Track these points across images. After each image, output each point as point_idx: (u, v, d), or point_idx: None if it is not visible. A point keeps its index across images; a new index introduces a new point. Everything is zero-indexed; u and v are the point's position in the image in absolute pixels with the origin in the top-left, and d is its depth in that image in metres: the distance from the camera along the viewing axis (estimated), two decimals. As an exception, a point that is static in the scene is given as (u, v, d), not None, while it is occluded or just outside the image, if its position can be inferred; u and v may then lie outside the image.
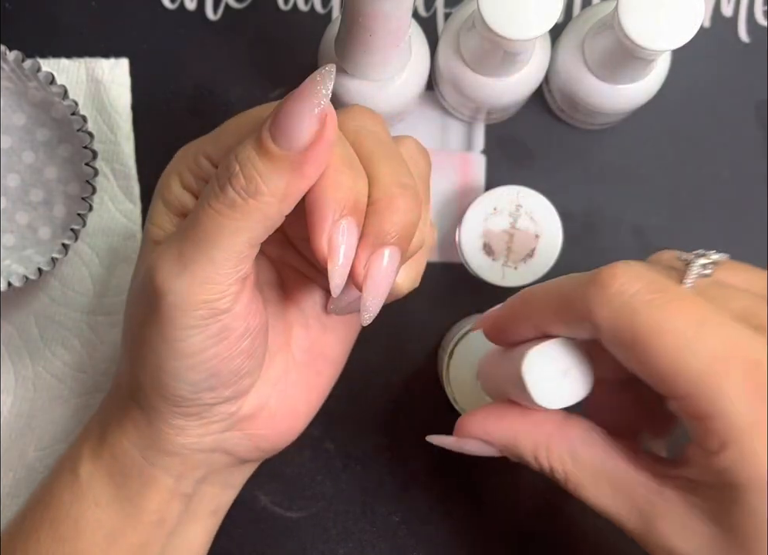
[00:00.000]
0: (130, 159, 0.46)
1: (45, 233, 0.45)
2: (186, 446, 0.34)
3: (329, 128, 0.27)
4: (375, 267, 0.28)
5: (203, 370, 0.31)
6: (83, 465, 0.35)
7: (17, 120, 0.45)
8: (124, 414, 0.34)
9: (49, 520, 0.35)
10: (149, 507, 0.34)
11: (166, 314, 0.29)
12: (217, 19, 0.47)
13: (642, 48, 0.37)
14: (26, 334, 0.46)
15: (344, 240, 0.28)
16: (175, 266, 0.29)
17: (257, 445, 0.35)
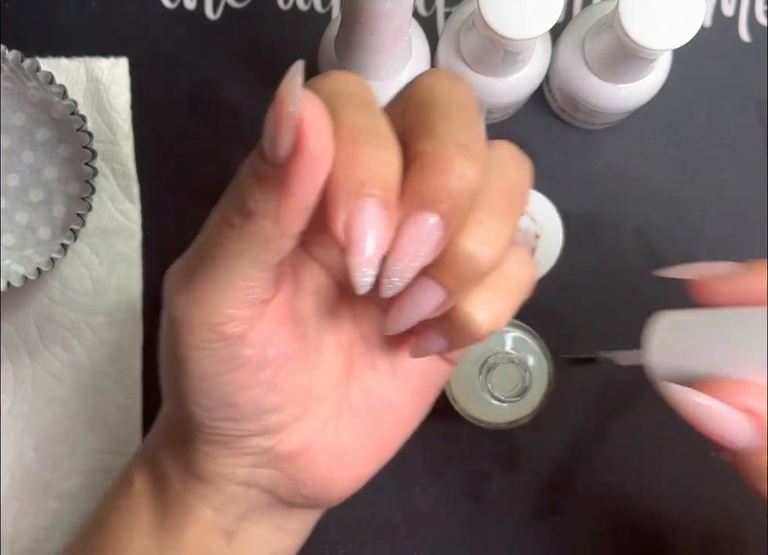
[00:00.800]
0: (130, 158, 0.46)
1: (45, 233, 0.45)
2: (219, 474, 0.31)
3: (309, 137, 0.23)
4: (410, 229, 0.24)
5: (218, 397, 0.29)
6: (134, 483, 0.34)
7: (16, 120, 0.44)
8: (165, 433, 0.33)
9: (100, 546, 0.34)
10: (188, 538, 0.32)
11: (172, 332, 0.28)
12: (217, 19, 0.46)
13: (643, 47, 0.37)
14: (25, 334, 0.46)
15: (369, 224, 0.23)
16: (181, 281, 0.27)
17: (297, 490, 0.32)
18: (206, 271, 0.26)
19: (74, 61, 0.46)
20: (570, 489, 0.46)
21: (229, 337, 0.27)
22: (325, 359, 0.31)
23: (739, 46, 0.47)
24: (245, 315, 0.27)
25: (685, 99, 0.47)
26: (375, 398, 0.32)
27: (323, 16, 0.46)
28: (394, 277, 0.25)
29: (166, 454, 0.33)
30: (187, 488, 0.32)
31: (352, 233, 0.23)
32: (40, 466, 0.45)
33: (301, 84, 0.23)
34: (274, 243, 0.25)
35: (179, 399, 0.30)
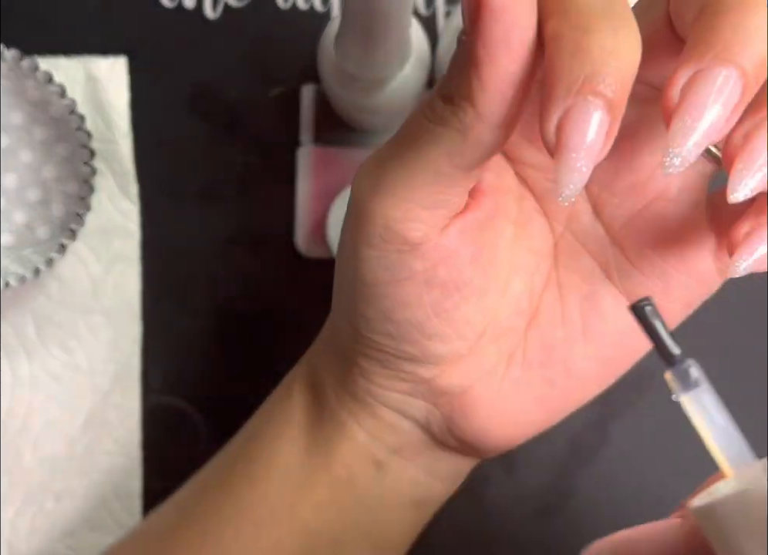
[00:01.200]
0: (128, 158, 0.46)
1: (43, 232, 0.45)
2: (373, 394, 0.30)
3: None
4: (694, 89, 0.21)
5: (377, 308, 0.27)
6: (294, 391, 0.32)
7: (14, 119, 0.44)
8: (329, 342, 0.31)
9: (250, 452, 0.33)
10: (337, 457, 0.31)
11: (350, 221, 0.26)
12: (216, 18, 0.46)
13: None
14: (23, 334, 0.45)
15: (588, 131, 0.20)
16: (372, 167, 0.25)
17: (451, 431, 0.30)
18: (397, 157, 0.24)
19: (73, 60, 0.45)
20: (571, 490, 0.46)
21: (403, 239, 0.25)
22: (508, 298, 0.28)
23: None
24: (428, 217, 0.25)
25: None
26: (554, 357, 0.29)
27: (323, 15, 0.46)
28: (681, 155, 0.21)
29: (326, 365, 0.31)
30: (342, 404, 0.31)
31: (566, 137, 0.20)
32: (38, 467, 0.45)
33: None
34: (473, 132, 0.22)
35: (343, 303, 0.28)
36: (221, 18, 0.46)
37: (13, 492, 0.45)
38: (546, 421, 0.31)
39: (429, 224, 0.25)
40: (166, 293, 0.46)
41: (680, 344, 0.23)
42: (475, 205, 0.26)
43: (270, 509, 0.32)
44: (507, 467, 0.46)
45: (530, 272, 0.29)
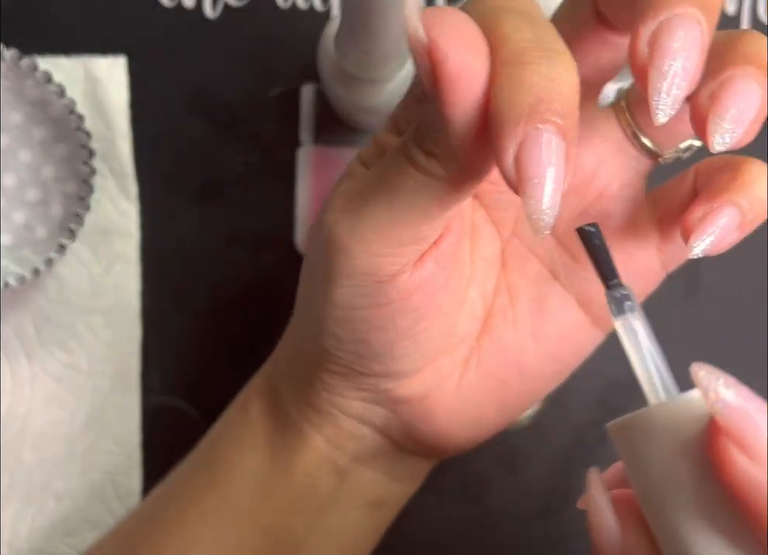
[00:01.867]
0: (128, 158, 0.45)
1: (42, 232, 0.45)
2: (334, 404, 0.31)
3: (443, 59, 0.20)
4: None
5: (350, 330, 0.27)
6: (252, 402, 0.33)
7: (13, 119, 0.44)
8: (288, 357, 0.32)
9: (211, 460, 0.33)
10: (298, 465, 0.32)
11: (327, 254, 0.26)
12: (216, 17, 0.46)
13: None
14: (23, 334, 0.45)
15: (548, 158, 0.20)
16: (348, 205, 0.26)
17: (410, 436, 0.31)
18: (382, 200, 0.25)
19: (72, 60, 0.45)
20: (570, 490, 0.46)
21: (383, 274, 0.26)
22: (465, 309, 0.29)
23: (741, 45, 0.47)
24: (408, 253, 0.26)
25: (686, 98, 0.46)
26: (507, 358, 0.30)
27: (322, 15, 0.46)
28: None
29: (286, 376, 0.32)
30: (302, 414, 0.31)
31: (525, 170, 0.20)
32: (38, 467, 0.45)
33: (414, 9, 0.21)
34: (459, 180, 0.23)
35: (311, 322, 0.29)
36: (221, 17, 0.46)
37: (13, 492, 0.45)
38: (504, 420, 0.31)
39: (409, 258, 0.26)
40: (165, 293, 0.46)
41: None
42: (447, 232, 0.27)
43: (232, 512, 0.32)
44: (507, 467, 0.46)
45: (483, 279, 0.30)
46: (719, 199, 0.26)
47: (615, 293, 0.20)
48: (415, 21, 0.21)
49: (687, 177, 0.29)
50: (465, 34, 0.21)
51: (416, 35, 0.21)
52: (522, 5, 0.23)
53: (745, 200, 0.27)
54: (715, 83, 0.23)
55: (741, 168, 0.27)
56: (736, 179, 0.27)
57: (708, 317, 0.47)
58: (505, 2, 0.23)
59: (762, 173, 0.27)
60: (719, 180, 0.27)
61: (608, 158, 0.29)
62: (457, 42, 0.21)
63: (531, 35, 0.21)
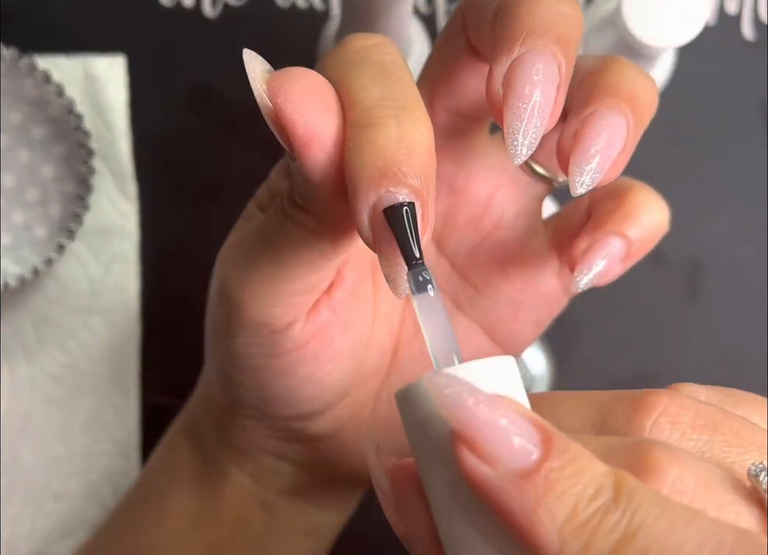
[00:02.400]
0: (127, 157, 0.45)
1: (42, 232, 0.44)
2: (252, 444, 0.31)
3: (291, 126, 0.20)
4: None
5: (251, 377, 0.28)
6: (178, 440, 0.33)
7: (13, 118, 0.44)
8: (205, 401, 0.33)
9: (142, 497, 0.34)
10: (225, 501, 0.32)
11: (221, 306, 0.27)
12: (215, 17, 0.46)
13: (645, 45, 0.36)
14: (22, 334, 0.45)
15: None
16: (238, 260, 0.26)
17: (328, 468, 0.31)
18: (269, 254, 0.25)
19: (71, 59, 0.45)
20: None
21: (277, 325, 0.26)
22: (373, 345, 0.29)
23: (743, 45, 0.47)
24: (300, 303, 0.26)
25: (687, 97, 0.46)
26: None
27: (322, 14, 0.46)
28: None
29: (204, 416, 0.32)
30: (224, 452, 0.32)
31: (379, 232, 0.20)
32: (37, 468, 0.45)
33: (259, 75, 0.22)
34: (338, 235, 0.23)
35: (216, 370, 0.29)
36: (220, 17, 0.46)
37: (12, 493, 0.45)
38: None
39: (301, 309, 0.26)
40: (165, 293, 0.46)
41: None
42: (339, 279, 0.27)
43: (167, 546, 0.33)
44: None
45: (389, 315, 0.29)
46: (602, 229, 0.26)
47: (416, 273, 0.20)
48: (259, 88, 0.21)
49: (582, 202, 0.29)
50: (312, 97, 0.21)
51: (261, 101, 0.21)
52: (377, 54, 0.22)
53: (631, 230, 0.26)
54: (578, 120, 0.23)
55: (627, 195, 0.27)
56: (621, 207, 0.26)
57: (708, 317, 0.47)
58: (359, 54, 0.22)
59: (648, 198, 0.27)
60: (605, 208, 0.27)
61: (502, 188, 0.28)
62: (304, 107, 0.20)
63: (378, 93, 0.21)
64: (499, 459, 0.17)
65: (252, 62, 0.22)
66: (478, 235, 0.29)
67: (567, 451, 0.17)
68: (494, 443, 0.17)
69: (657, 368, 0.46)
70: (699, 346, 0.46)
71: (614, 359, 0.46)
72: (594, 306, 0.46)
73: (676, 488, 0.18)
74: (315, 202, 0.22)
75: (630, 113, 0.23)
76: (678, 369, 0.46)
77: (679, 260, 0.47)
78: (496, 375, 0.19)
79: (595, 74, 0.23)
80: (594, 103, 0.23)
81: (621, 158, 0.23)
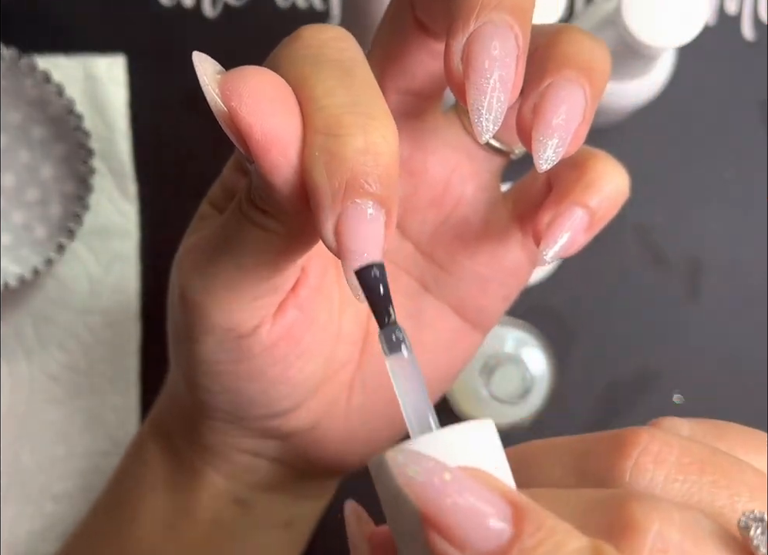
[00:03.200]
0: (127, 157, 0.45)
1: (42, 232, 0.44)
2: (225, 444, 0.30)
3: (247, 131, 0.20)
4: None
5: (219, 382, 0.27)
6: (148, 443, 0.33)
7: (12, 118, 0.44)
8: (173, 403, 0.32)
9: (115, 502, 0.34)
10: (199, 501, 0.31)
11: (183, 311, 0.26)
12: (215, 16, 0.46)
13: (644, 45, 0.36)
14: (22, 334, 0.45)
15: (364, 233, 0.20)
16: (197, 263, 0.25)
17: (306, 461, 0.31)
18: (229, 256, 0.24)
19: (71, 59, 0.45)
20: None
21: (242, 329, 0.25)
22: (342, 336, 0.29)
23: (742, 44, 0.46)
24: (264, 306, 0.25)
25: (687, 97, 0.46)
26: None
27: (321, 14, 0.46)
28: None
29: (174, 422, 0.32)
30: (195, 453, 0.31)
31: (345, 242, 0.20)
32: (37, 468, 0.45)
33: (210, 77, 0.21)
34: (297, 236, 0.23)
35: (182, 375, 0.29)
36: (220, 16, 0.46)
37: (12, 494, 0.45)
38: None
39: (267, 311, 0.25)
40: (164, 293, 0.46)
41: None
42: (303, 277, 0.26)
43: (144, 551, 0.32)
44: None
45: (355, 301, 0.28)
46: (565, 201, 0.26)
47: (389, 333, 0.20)
48: (211, 91, 0.20)
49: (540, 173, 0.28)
50: (268, 98, 0.20)
51: (215, 105, 0.20)
52: (336, 51, 0.21)
53: (593, 200, 0.26)
54: (536, 94, 0.22)
55: (587, 165, 0.26)
56: (582, 177, 0.26)
57: (708, 317, 0.47)
58: (317, 50, 0.21)
59: (609, 166, 0.26)
60: (566, 179, 0.26)
61: (459, 165, 0.28)
62: (260, 109, 0.20)
63: (345, 99, 0.20)
64: (467, 542, 0.16)
65: (203, 64, 0.21)
66: (440, 215, 0.28)
67: (541, 527, 0.16)
68: (462, 525, 0.16)
69: (657, 368, 0.46)
70: (699, 346, 0.46)
71: (614, 359, 0.46)
72: (594, 306, 0.46)
73: (657, 547, 0.17)
74: (276, 205, 0.22)
75: (587, 83, 0.23)
76: (678, 369, 0.46)
77: (679, 260, 0.47)
78: (469, 443, 0.19)
79: (549, 44, 0.23)
80: (551, 75, 0.22)
81: (582, 129, 0.23)
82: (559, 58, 0.22)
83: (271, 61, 0.22)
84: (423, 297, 0.29)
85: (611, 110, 0.42)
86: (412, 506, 0.17)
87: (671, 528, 0.17)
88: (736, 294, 0.47)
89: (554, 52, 0.23)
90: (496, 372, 0.41)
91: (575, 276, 0.46)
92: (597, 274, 0.46)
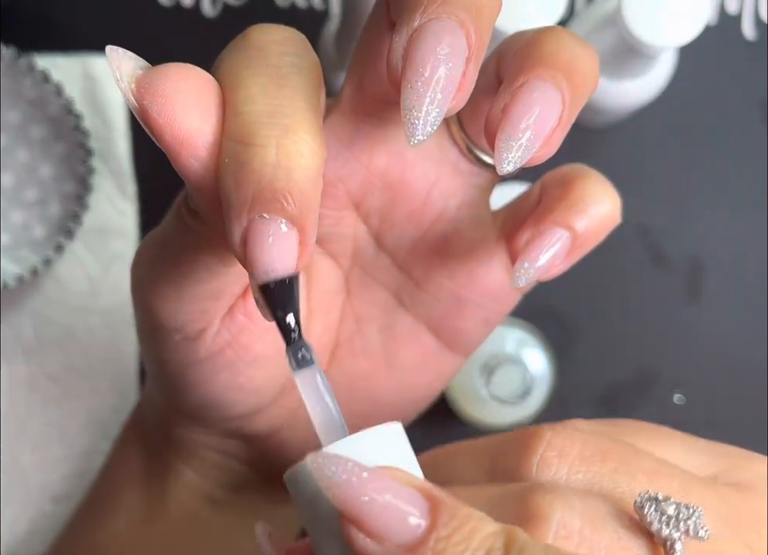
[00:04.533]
0: (126, 157, 0.45)
1: (41, 232, 0.44)
2: (192, 440, 0.30)
3: (158, 128, 0.19)
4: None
5: (173, 385, 0.27)
6: (129, 437, 0.34)
7: (11, 118, 0.44)
8: (147, 397, 0.33)
9: (98, 493, 0.34)
10: (172, 496, 0.31)
11: (136, 314, 0.26)
12: (215, 16, 0.46)
13: (645, 44, 0.36)
14: (21, 334, 0.45)
15: (270, 250, 0.19)
16: (144, 268, 0.25)
17: (271, 468, 0.30)
18: (171, 256, 0.23)
19: (70, 58, 0.45)
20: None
21: (187, 331, 0.25)
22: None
23: (743, 44, 0.46)
24: (209, 308, 0.24)
25: (688, 97, 0.46)
26: (358, 387, 0.28)
27: (321, 13, 0.46)
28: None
29: (148, 414, 0.32)
30: (169, 448, 0.31)
31: (250, 256, 0.19)
32: (36, 468, 0.45)
33: (126, 73, 0.20)
34: (221, 243, 0.22)
35: (147, 368, 0.29)
36: (220, 16, 0.46)
37: (11, 494, 0.45)
38: None
39: (212, 315, 0.24)
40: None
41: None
42: None
43: (120, 544, 0.32)
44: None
45: (325, 310, 0.28)
46: (546, 220, 0.24)
47: (296, 350, 0.20)
48: (125, 87, 0.19)
49: (533, 191, 0.26)
50: (183, 98, 0.19)
51: (128, 101, 0.19)
52: (276, 55, 0.21)
53: (576, 221, 0.24)
54: (507, 93, 0.21)
55: (574, 183, 0.24)
56: (567, 196, 0.24)
57: (708, 317, 0.47)
58: (258, 52, 0.20)
59: (597, 187, 0.25)
60: (550, 197, 0.25)
61: (443, 179, 0.26)
62: (172, 109, 0.19)
63: (264, 107, 0.19)
64: (386, 535, 0.17)
65: (118, 59, 0.20)
66: (419, 229, 0.27)
67: (454, 516, 0.17)
68: (380, 520, 0.17)
69: (657, 368, 0.46)
70: (699, 346, 0.46)
71: (614, 359, 0.46)
72: (594, 306, 0.46)
73: (561, 534, 0.18)
74: (199, 207, 0.21)
75: (566, 84, 0.21)
76: (678, 369, 0.46)
77: (679, 260, 0.46)
78: (381, 445, 0.19)
79: (529, 43, 0.21)
80: (526, 74, 0.21)
81: (556, 134, 0.21)
82: (537, 56, 0.21)
83: (218, 58, 0.22)
84: (398, 312, 0.28)
85: (611, 110, 0.42)
86: (330, 505, 0.17)
87: (572, 515, 0.18)
88: (736, 294, 0.46)
89: (533, 50, 0.21)
90: (497, 372, 0.41)
91: (575, 276, 0.46)
92: (598, 274, 0.46)
